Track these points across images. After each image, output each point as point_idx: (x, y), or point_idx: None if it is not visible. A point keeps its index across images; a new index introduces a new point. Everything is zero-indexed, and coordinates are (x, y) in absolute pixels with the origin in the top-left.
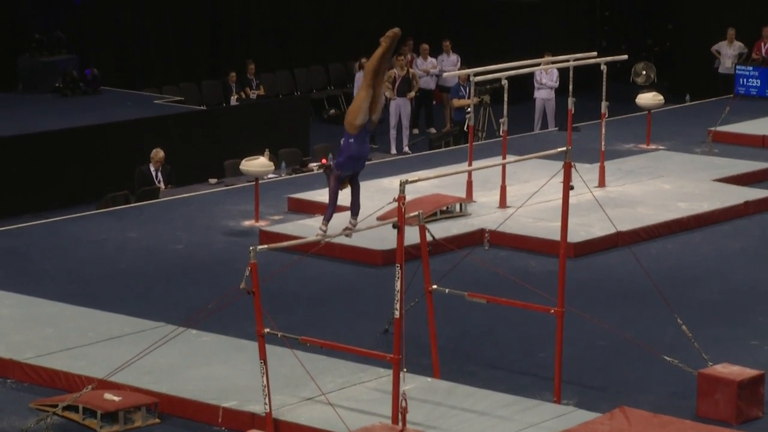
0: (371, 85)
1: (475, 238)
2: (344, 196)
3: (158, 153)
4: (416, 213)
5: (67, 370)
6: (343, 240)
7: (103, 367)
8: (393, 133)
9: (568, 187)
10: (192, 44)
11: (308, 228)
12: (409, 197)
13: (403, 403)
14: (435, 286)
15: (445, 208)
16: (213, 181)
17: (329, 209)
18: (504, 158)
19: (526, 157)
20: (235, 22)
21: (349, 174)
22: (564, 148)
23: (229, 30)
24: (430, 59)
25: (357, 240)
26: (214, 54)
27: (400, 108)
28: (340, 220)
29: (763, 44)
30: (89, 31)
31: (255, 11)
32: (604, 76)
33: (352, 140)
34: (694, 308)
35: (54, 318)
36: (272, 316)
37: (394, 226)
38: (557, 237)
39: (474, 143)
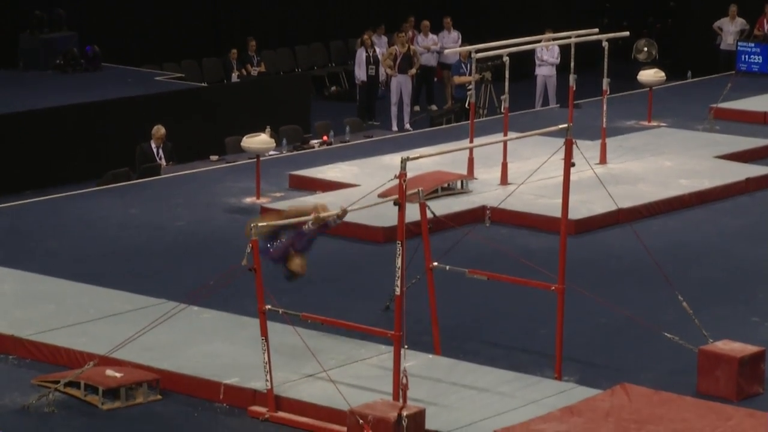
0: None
1: (476, 215)
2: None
3: (159, 130)
4: (417, 190)
5: (69, 346)
6: (345, 217)
7: (104, 343)
8: (394, 110)
9: (569, 164)
10: (193, 21)
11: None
12: (410, 174)
13: (404, 380)
14: (436, 264)
15: (446, 185)
16: (214, 158)
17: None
18: (505, 135)
19: (527, 134)
20: None
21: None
22: (565, 125)
23: (230, 7)
24: (431, 36)
25: (358, 217)
26: (215, 31)
27: (401, 85)
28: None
29: (765, 21)
30: (90, 8)
31: None
32: (606, 53)
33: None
34: (695, 286)
35: (55, 295)
36: (273, 294)
37: (395, 203)
38: (558, 214)
39: (475, 120)
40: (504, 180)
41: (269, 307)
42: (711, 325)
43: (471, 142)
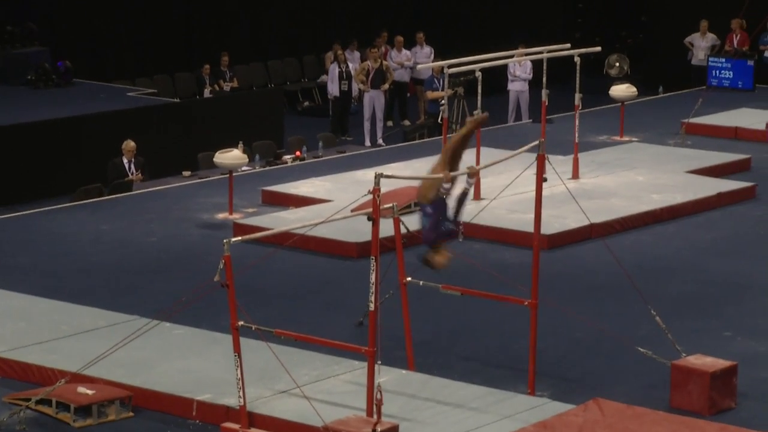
0: (448, 164)
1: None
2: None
3: (129, 144)
4: (391, 205)
5: (40, 363)
6: (318, 232)
7: (76, 360)
8: (367, 125)
9: (541, 178)
10: (165, 36)
11: (282, 220)
12: (383, 189)
13: (378, 396)
14: (409, 279)
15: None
16: (187, 173)
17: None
18: (478, 150)
19: (499, 159)
20: (209, 14)
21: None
22: (537, 141)
23: (203, 22)
24: (404, 51)
25: (331, 232)
26: (187, 46)
27: (374, 100)
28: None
29: (735, 36)
30: (62, 23)
31: (228, 3)
32: (578, 68)
33: (429, 209)
34: (668, 300)
35: (26, 311)
36: (247, 309)
37: (368, 218)
38: (531, 229)
39: (448, 135)
40: (477, 195)
41: (242, 323)
42: (684, 340)
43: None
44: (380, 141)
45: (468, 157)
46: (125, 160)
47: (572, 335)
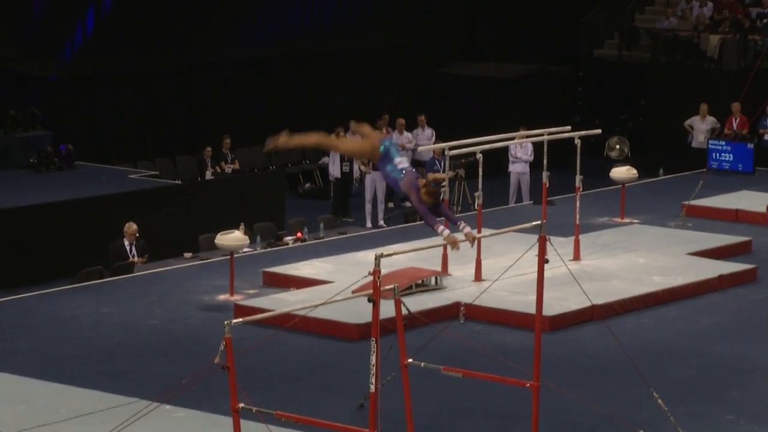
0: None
1: (451, 311)
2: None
3: (131, 226)
4: (392, 286)
5: None
6: (318, 314)
7: None
8: (368, 207)
9: (543, 260)
10: (167, 119)
11: (283, 302)
12: (384, 270)
13: None
14: (410, 360)
15: (420, 281)
16: (188, 255)
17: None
18: (479, 232)
19: (501, 231)
20: (211, 96)
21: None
22: (539, 222)
23: (205, 105)
24: (405, 133)
25: (332, 314)
26: (189, 129)
27: (376, 182)
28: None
29: (734, 119)
30: (64, 107)
31: (230, 87)
32: (578, 150)
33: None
34: (670, 383)
35: (26, 394)
36: (247, 392)
37: (369, 300)
38: (533, 310)
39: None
40: (478, 276)
41: (242, 405)
42: (686, 423)
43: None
44: (381, 222)
45: (467, 245)
46: (126, 243)
47: (574, 419)
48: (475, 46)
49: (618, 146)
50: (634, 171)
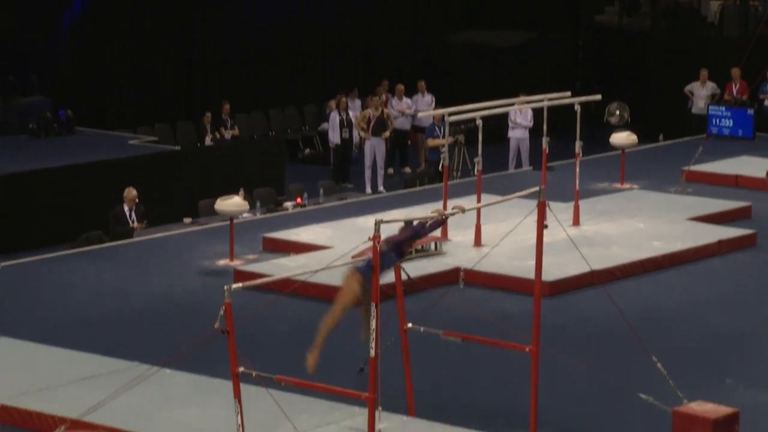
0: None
1: (451, 277)
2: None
3: (131, 192)
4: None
5: (40, 410)
6: (318, 279)
7: (76, 407)
8: (368, 173)
9: (542, 226)
10: (166, 85)
11: (283, 267)
12: (383, 236)
13: None
14: (410, 325)
15: (420, 247)
16: (188, 221)
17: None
18: (479, 197)
19: (501, 199)
20: (210, 63)
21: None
22: (538, 188)
23: (204, 71)
24: (405, 99)
25: (332, 279)
26: (188, 95)
27: (375, 148)
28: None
29: (734, 85)
30: (63, 73)
31: (230, 52)
32: (578, 115)
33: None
34: (669, 348)
35: (26, 358)
36: (247, 356)
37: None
38: (532, 276)
39: (449, 183)
40: (478, 242)
41: (242, 369)
42: (685, 387)
43: (444, 204)
44: (381, 189)
45: (468, 203)
46: (126, 208)
47: (573, 382)
48: (476, 14)
49: (618, 112)
50: (635, 136)
